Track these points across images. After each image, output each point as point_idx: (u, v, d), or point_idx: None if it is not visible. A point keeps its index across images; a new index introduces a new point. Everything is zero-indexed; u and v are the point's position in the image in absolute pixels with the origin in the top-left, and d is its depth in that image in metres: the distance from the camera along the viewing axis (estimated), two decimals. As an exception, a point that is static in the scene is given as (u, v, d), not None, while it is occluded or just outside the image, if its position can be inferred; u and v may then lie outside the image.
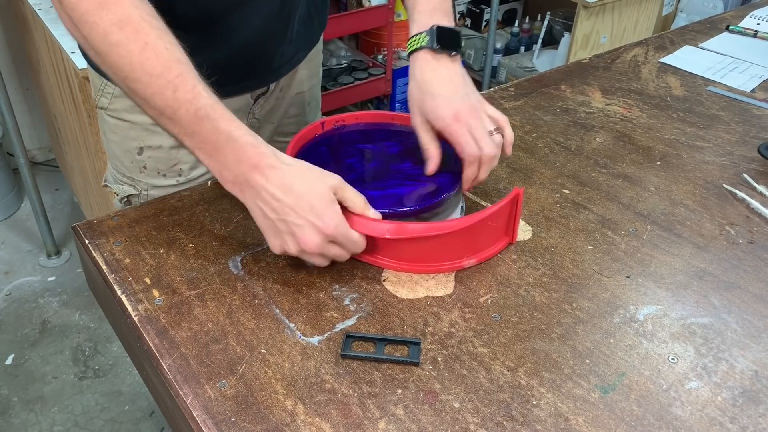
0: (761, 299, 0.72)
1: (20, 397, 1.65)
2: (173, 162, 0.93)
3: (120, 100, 0.90)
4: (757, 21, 1.44)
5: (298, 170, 0.66)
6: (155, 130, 0.90)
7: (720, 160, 0.97)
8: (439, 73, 0.77)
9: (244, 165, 0.65)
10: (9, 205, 2.28)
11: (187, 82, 0.65)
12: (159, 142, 0.91)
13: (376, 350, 0.63)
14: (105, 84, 0.90)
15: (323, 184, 0.65)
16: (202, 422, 0.56)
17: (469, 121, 0.75)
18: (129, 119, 0.91)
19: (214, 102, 0.65)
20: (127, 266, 0.72)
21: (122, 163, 0.95)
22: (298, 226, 0.64)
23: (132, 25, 0.64)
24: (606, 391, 0.60)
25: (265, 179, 0.65)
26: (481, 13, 2.98)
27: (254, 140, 0.66)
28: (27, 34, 2.00)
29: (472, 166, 0.76)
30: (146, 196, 0.95)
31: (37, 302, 1.94)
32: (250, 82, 0.94)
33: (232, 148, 0.65)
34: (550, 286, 0.72)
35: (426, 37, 0.77)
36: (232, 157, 0.65)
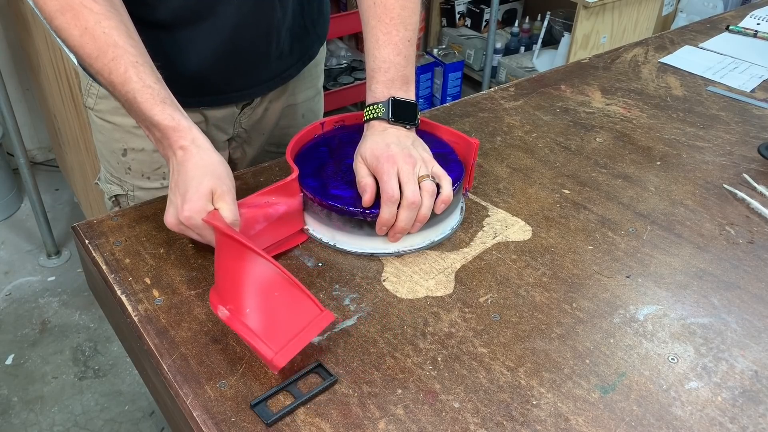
0: (761, 299, 0.72)
1: (20, 397, 1.65)
2: (156, 165, 0.93)
3: (104, 101, 0.90)
4: (757, 21, 1.44)
5: (200, 159, 0.69)
6: (138, 133, 0.90)
7: (720, 160, 0.97)
8: (388, 132, 0.76)
9: (165, 143, 0.71)
10: (9, 205, 2.28)
11: (119, 66, 0.68)
12: (142, 145, 0.92)
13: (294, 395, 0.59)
14: (90, 84, 0.91)
15: (207, 183, 0.68)
16: (202, 422, 0.56)
17: (402, 164, 0.73)
18: (112, 121, 0.91)
19: (142, 86, 0.69)
20: (127, 266, 0.72)
21: (110, 163, 0.96)
22: (170, 201, 0.70)
23: (72, 11, 0.68)
24: (606, 391, 0.60)
25: (174, 156, 0.70)
26: (481, 13, 2.98)
27: (175, 124, 0.70)
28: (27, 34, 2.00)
29: (386, 207, 0.72)
30: (133, 197, 0.96)
31: (37, 302, 1.94)
32: (232, 94, 0.93)
33: (155, 129, 0.71)
34: (550, 286, 0.72)
35: (382, 108, 0.77)
36: (157, 134, 0.71)
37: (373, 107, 0.78)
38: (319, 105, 1.12)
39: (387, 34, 0.78)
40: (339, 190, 0.76)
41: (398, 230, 0.73)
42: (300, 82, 1.02)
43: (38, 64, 1.99)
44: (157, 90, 0.70)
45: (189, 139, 0.70)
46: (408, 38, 0.79)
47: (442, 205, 0.74)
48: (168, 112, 0.69)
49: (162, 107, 0.69)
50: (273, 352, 0.58)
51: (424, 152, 0.77)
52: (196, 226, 0.68)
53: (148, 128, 0.72)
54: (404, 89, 0.79)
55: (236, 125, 0.98)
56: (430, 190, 0.73)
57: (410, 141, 0.77)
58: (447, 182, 0.75)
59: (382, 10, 0.78)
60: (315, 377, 0.61)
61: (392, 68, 0.78)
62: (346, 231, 0.75)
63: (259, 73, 0.93)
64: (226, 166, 0.71)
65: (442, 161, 0.80)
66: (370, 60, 0.79)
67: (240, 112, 0.96)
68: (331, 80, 2.62)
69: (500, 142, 0.99)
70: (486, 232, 0.80)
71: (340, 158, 0.82)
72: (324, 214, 0.75)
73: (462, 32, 3.04)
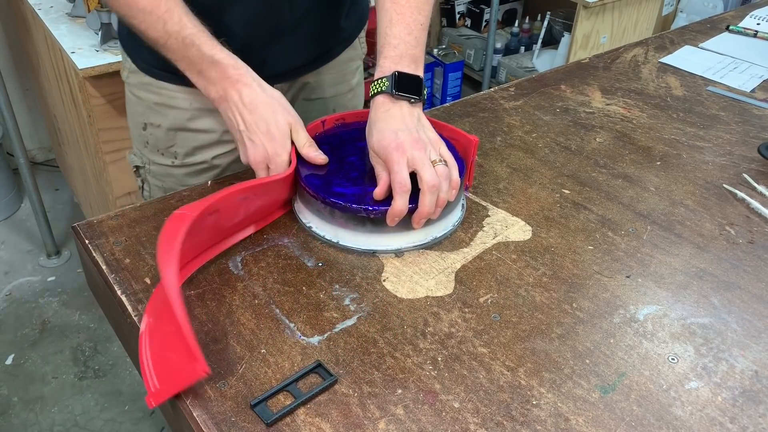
0: (761, 299, 0.72)
1: (20, 397, 1.65)
2: (170, 143, 0.96)
3: (134, 75, 0.95)
4: (757, 21, 1.44)
5: (267, 98, 0.77)
6: (156, 110, 0.94)
7: (720, 160, 0.97)
8: (392, 113, 0.76)
9: (225, 81, 0.77)
10: (9, 205, 2.28)
11: (173, 15, 0.75)
12: (159, 121, 0.95)
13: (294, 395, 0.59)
14: (125, 59, 0.96)
15: (284, 117, 0.77)
16: (202, 422, 0.56)
17: (412, 152, 0.72)
18: (137, 95, 0.96)
19: (198, 31, 0.76)
20: (127, 266, 0.72)
21: (134, 135, 1.01)
22: (252, 141, 0.77)
23: None
24: (606, 391, 0.60)
25: (239, 95, 0.77)
26: (481, 13, 2.98)
27: (235, 62, 0.77)
28: (27, 34, 2.00)
29: (399, 197, 0.71)
30: (149, 170, 1.00)
31: (37, 302, 1.94)
32: None
33: (215, 68, 0.77)
34: (550, 286, 0.72)
35: (386, 82, 0.76)
36: (215, 75, 0.77)
37: (378, 82, 0.77)
38: (354, 102, 1.12)
39: (400, 14, 0.79)
40: (342, 187, 0.76)
41: (423, 215, 0.73)
42: (328, 77, 1.03)
43: (38, 64, 1.99)
44: (209, 35, 0.77)
45: (250, 76, 0.77)
46: (421, 22, 0.80)
47: (453, 191, 0.74)
48: (226, 52, 0.77)
49: (220, 48, 0.77)
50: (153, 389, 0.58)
51: (430, 132, 0.77)
52: (279, 164, 0.76)
53: (204, 71, 0.77)
54: (412, 67, 0.78)
55: None
56: (445, 173, 0.73)
57: (415, 119, 0.76)
58: (454, 167, 0.75)
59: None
60: (315, 377, 0.61)
61: (402, 45, 0.78)
62: (349, 228, 0.75)
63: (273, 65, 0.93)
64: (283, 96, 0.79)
65: None
66: (381, 38, 0.80)
67: None
68: (331, 80, 2.61)
69: (500, 142, 0.99)
70: (486, 232, 0.80)
71: (342, 156, 0.82)
72: (327, 211, 0.75)
73: (462, 32, 3.04)
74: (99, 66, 1.45)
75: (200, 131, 0.94)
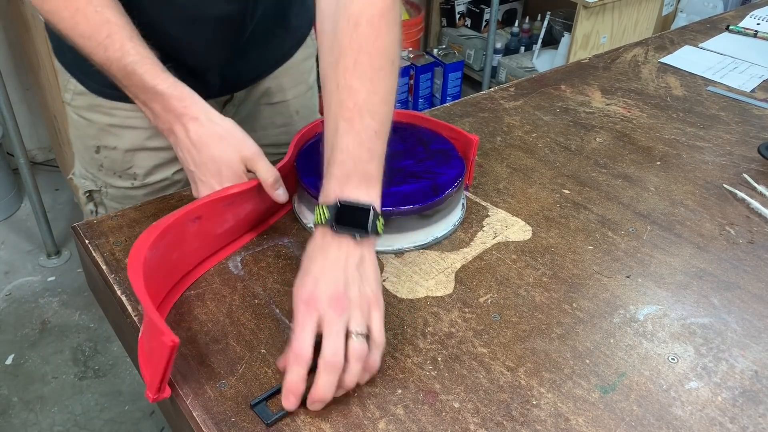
0: (761, 299, 0.72)
1: (20, 397, 1.65)
2: (128, 165, 0.93)
3: (80, 97, 0.90)
4: (757, 21, 1.44)
5: (216, 131, 0.69)
6: (111, 132, 0.90)
7: (720, 160, 0.97)
8: (326, 254, 0.60)
9: (170, 115, 0.71)
10: (9, 205, 2.28)
11: (115, 41, 0.69)
12: (114, 143, 0.91)
13: None
14: (68, 80, 0.91)
15: (236, 153, 0.69)
16: (202, 422, 0.56)
17: (326, 310, 0.57)
18: (87, 117, 0.91)
19: (141, 58, 0.70)
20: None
21: (84, 159, 0.97)
22: (202, 182, 0.71)
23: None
24: (606, 391, 0.60)
25: (185, 131, 0.70)
26: (481, 13, 2.98)
27: (180, 93, 0.70)
28: (27, 34, 2.00)
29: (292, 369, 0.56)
30: (106, 193, 0.96)
31: (37, 302, 1.94)
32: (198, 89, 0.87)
33: (158, 99, 0.70)
34: (550, 286, 0.72)
35: (327, 212, 0.61)
36: (158, 107, 0.71)
37: (319, 209, 0.62)
38: (313, 100, 1.10)
39: (348, 120, 0.63)
40: None
41: (315, 398, 0.56)
42: (286, 79, 1.01)
43: (38, 64, 1.99)
44: (155, 61, 0.70)
45: (197, 109, 0.70)
46: (375, 129, 0.63)
47: (366, 374, 0.59)
48: (170, 81, 0.70)
49: (164, 76, 0.70)
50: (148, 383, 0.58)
51: (368, 286, 0.60)
52: None
53: (148, 102, 0.72)
54: (363, 189, 0.62)
55: None
56: (358, 352, 0.56)
57: (354, 266, 0.60)
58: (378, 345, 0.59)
59: (346, 94, 0.64)
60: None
61: (349, 161, 0.62)
62: None
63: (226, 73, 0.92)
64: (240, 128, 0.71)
65: (443, 158, 0.80)
66: (327, 150, 0.64)
67: (222, 110, 0.95)
68: (331, 80, 2.61)
69: (500, 142, 0.99)
70: (486, 232, 0.80)
71: None
72: None
73: (462, 32, 3.04)
74: (99, 66, 1.45)
75: (160, 149, 0.91)
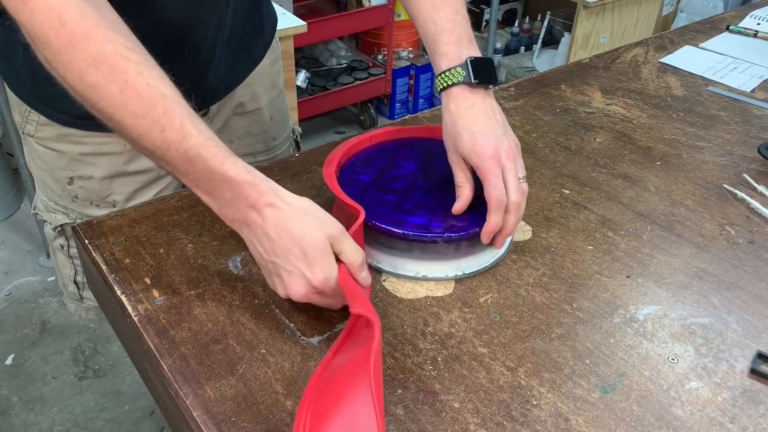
0: (761, 299, 0.72)
1: (20, 397, 1.65)
2: (106, 193, 0.89)
3: (47, 128, 0.84)
4: (757, 21, 1.44)
5: (296, 213, 0.61)
6: (85, 161, 0.85)
7: (720, 160, 0.97)
8: (477, 109, 0.71)
9: (242, 203, 0.61)
10: (9, 205, 2.28)
11: (174, 120, 0.59)
12: (90, 172, 0.86)
13: None
14: (29, 111, 0.84)
15: (321, 231, 0.61)
16: (202, 422, 0.56)
17: (506, 162, 0.69)
18: (56, 148, 0.86)
19: (204, 139, 0.60)
20: (127, 266, 0.72)
21: (53, 191, 0.90)
22: (287, 271, 0.62)
23: (108, 63, 0.58)
24: (606, 391, 0.60)
25: (262, 219, 0.61)
26: (481, 13, 2.98)
27: (252, 178, 0.61)
28: (27, 34, 2.00)
29: (496, 213, 0.69)
30: None
31: (37, 302, 1.94)
32: None
33: (228, 186, 0.61)
34: (550, 286, 0.72)
35: (461, 71, 0.71)
36: (228, 195, 0.61)
37: (450, 72, 0.71)
38: (284, 104, 1.07)
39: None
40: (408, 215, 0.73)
41: (507, 235, 0.71)
42: (258, 86, 0.98)
43: (38, 64, 1.98)
44: (218, 142, 0.61)
45: (272, 193, 0.61)
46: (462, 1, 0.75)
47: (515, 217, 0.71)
48: (240, 165, 0.61)
49: (234, 160, 0.61)
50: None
51: (510, 132, 0.73)
52: (333, 288, 0.62)
53: (214, 190, 0.62)
54: (472, 48, 0.73)
55: None
56: (525, 191, 0.70)
57: (500, 116, 0.72)
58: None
59: None
60: None
61: (457, 27, 0.73)
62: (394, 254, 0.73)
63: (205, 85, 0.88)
64: (315, 204, 0.64)
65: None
66: (430, 24, 0.73)
67: None
68: (331, 80, 2.62)
69: (500, 142, 0.99)
70: (486, 232, 0.80)
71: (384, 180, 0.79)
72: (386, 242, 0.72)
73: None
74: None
75: (139, 173, 0.88)
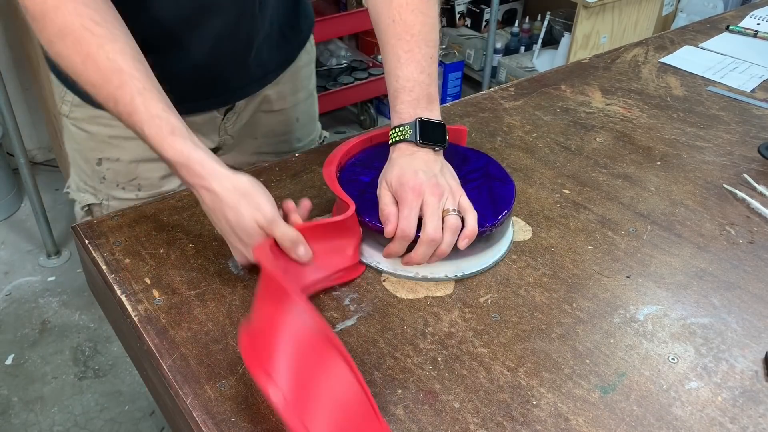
0: (761, 299, 0.72)
1: (20, 397, 1.65)
2: (132, 176, 0.91)
3: (79, 109, 0.88)
4: (757, 21, 1.44)
5: (230, 197, 0.64)
6: (113, 143, 0.88)
7: (720, 160, 0.97)
8: (417, 156, 0.72)
9: (184, 181, 0.66)
10: (9, 205, 2.28)
11: (125, 95, 0.63)
12: (117, 154, 0.89)
13: None
14: (65, 92, 0.88)
15: (251, 217, 0.64)
16: (202, 422, 0.56)
17: (428, 197, 0.69)
18: (88, 129, 0.89)
19: (149, 117, 0.64)
20: (127, 266, 0.72)
21: (84, 172, 0.94)
22: (231, 244, 0.68)
23: (73, 35, 0.63)
24: (606, 391, 0.60)
25: (201, 199, 0.66)
26: (481, 13, 2.98)
27: (185, 161, 0.64)
28: (27, 34, 2.00)
29: (397, 242, 0.69)
30: (107, 206, 0.94)
31: (37, 302, 1.94)
32: (208, 101, 0.91)
33: (169, 164, 0.66)
34: (550, 286, 0.72)
35: (409, 130, 0.73)
36: (173, 170, 0.66)
37: (399, 129, 0.74)
38: (313, 107, 1.09)
39: (409, 51, 0.75)
40: None
41: (412, 262, 0.70)
42: (288, 86, 1.00)
43: (38, 64, 1.99)
44: (165, 120, 0.64)
45: (207, 176, 0.64)
46: (430, 55, 0.76)
47: (465, 240, 0.70)
48: (177, 146, 0.64)
49: (171, 140, 0.64)
50: None
51: (452, 180, 0.73)
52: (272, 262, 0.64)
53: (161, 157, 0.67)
54: (429, 108, 0.75)
55: (221, 131, 0.96)
56: (454, 226, 0.69)
57: (438, 167, 0.73)
58: (472, 216, 0.70)
59: (402, 28, 0.75)
60: None
61: (417, 87, 0.74)
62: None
63: (237, 79, 0.91)
64: (253, 182, 0.66)
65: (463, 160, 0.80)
66: (393, 80, 0.75)
67: (223, 118, 0.94)
68: (331, 80, 2.62)
69: (500, 142, 0.99)
70: (486, 232, 0.80)
71: None
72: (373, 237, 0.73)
73: (462, 32, 3.04)
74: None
75: None
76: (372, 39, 2.77)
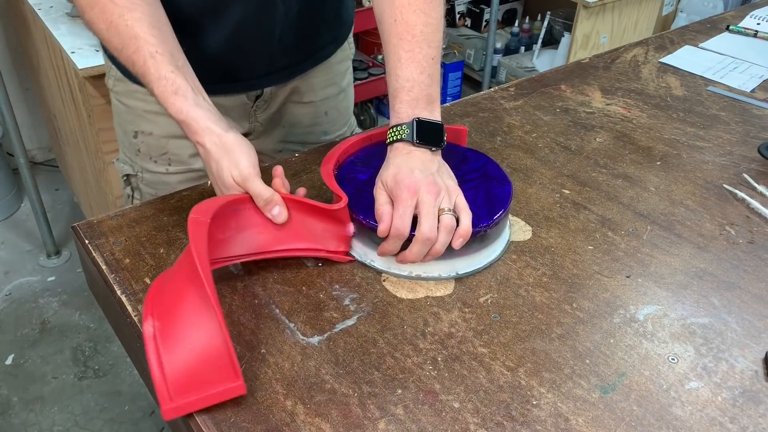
0: (761, 299, 0.72)
1: (20, 397, 1.65)
2: (163, 151, 0.96)
3: (120, 83, 0.94)
4: (757, 21, 1.44)
5: (217, 153, 0.70)
6: (147, 117, 0.93)
7: (720, 160, 0.97)
8: (413, 155, 0.72)
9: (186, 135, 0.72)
10: (9, 205, 2.28)
11: (139, 58, 0.71)
12: (150, 129, 0.95)
13: None
14: (110, 66, 0.95)
15: (229, 173, 0.70)
16: (201, 422, 0.56)
17: (423, 195, 0.68)
18: (126, 103, 0.95)
19: (157, 77, 0.70)
20: (127, 266, 0.72)
21: (123, 144, 1.00)
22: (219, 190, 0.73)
23: (99, 5, 0.72)
24: (606, 391, 0.60)
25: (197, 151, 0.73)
26: (481, 13, 2.98)
27: (185, 117, 0.70)
28: (27, 34, 2.00)
29: (391, 241, 0.69)
30: (141, 178, 0.99)
31: (37, 302, 1.94)
32: (234, 84, 0.94)
33: (174, 119, 0.72)
34: (550, 286, 0.72)
35: (406, 130, 0.73)
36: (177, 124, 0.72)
37: (396, 129, 0.74)
38: (344, 104, 1.11)
39: (410, 51, 0.75)
40: None
41: (406, 261, 0.70)
42: (318, 80, 1.02)
43: (38, 64, 1.99)
44: (170, 80, 0.70)
45: (202, 132, 0.70)
46: (432, 56, 0.76)
47: (460, 239, 0.69)
48: (178, 104, 0.70)
49: (173, 99, 0.70)
50: (170, 402, 0.55)
51: (449, 180, 0.73)
52: None
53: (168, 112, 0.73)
54: (429, 109, 0.75)
55: (251, 118, 0.99)
56: (449, 225, 0.68)
57: (435, 167, 0.73)
58: (467, 215, 0.70)
59: (404, 28, 0.75)
60: None
61: (416, 87, 0.75)
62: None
63: (263, 66, 0.94)
64: (240, 140, 0.70)
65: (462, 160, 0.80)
66: (393, 79, 0.76)
67: (253, 105, 0.97)
68: (331, 80, 2.61)
69: (500, 142, 0.99)
70: (486, 232, 0.80)
71: None
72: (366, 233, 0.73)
73: (462, 32, 3.04)
74: (99, 66, 1.45)
75: None
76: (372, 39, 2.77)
